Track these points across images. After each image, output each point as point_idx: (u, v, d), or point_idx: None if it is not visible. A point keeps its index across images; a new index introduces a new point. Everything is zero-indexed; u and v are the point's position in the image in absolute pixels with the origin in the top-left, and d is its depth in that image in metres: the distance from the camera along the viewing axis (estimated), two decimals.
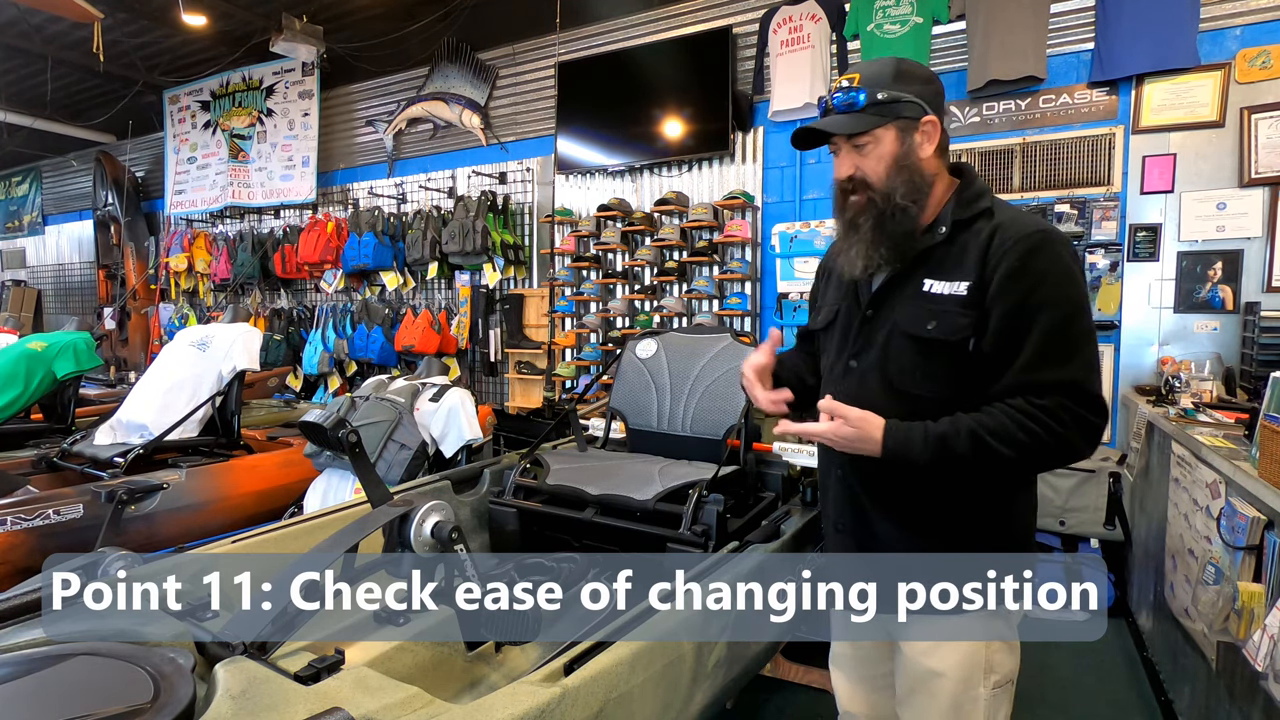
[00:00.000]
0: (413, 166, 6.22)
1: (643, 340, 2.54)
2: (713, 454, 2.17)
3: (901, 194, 1.18)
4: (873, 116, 1.19)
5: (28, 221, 9.86)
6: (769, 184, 4.60)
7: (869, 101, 1.18)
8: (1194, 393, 2.79)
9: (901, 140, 1.19)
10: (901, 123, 1.19)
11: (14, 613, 1.18)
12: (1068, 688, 2.55)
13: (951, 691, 1.23)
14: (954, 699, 1.23)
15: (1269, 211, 3.30)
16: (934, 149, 1.21)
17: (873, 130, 1.19)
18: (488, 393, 5.82)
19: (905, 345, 1.18)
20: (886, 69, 1.20)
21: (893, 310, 1.21)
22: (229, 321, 3.61)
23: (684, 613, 1.34)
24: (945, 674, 1.23)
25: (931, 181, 1.21)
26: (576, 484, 2.04)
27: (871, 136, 1.19)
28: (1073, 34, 3.71)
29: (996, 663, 1.24)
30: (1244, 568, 1.55)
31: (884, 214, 1.19)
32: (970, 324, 1.12)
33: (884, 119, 1.18)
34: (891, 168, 1.19)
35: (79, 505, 2.57)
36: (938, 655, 1.23)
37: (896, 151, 1.19)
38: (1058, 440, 1.07)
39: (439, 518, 1.44)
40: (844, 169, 1.23)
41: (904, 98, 1.18)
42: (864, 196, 1.21)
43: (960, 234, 1.18)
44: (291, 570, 1.25)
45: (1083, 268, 1.16)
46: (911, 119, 1.19)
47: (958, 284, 1.15)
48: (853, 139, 1.21)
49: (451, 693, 1.44)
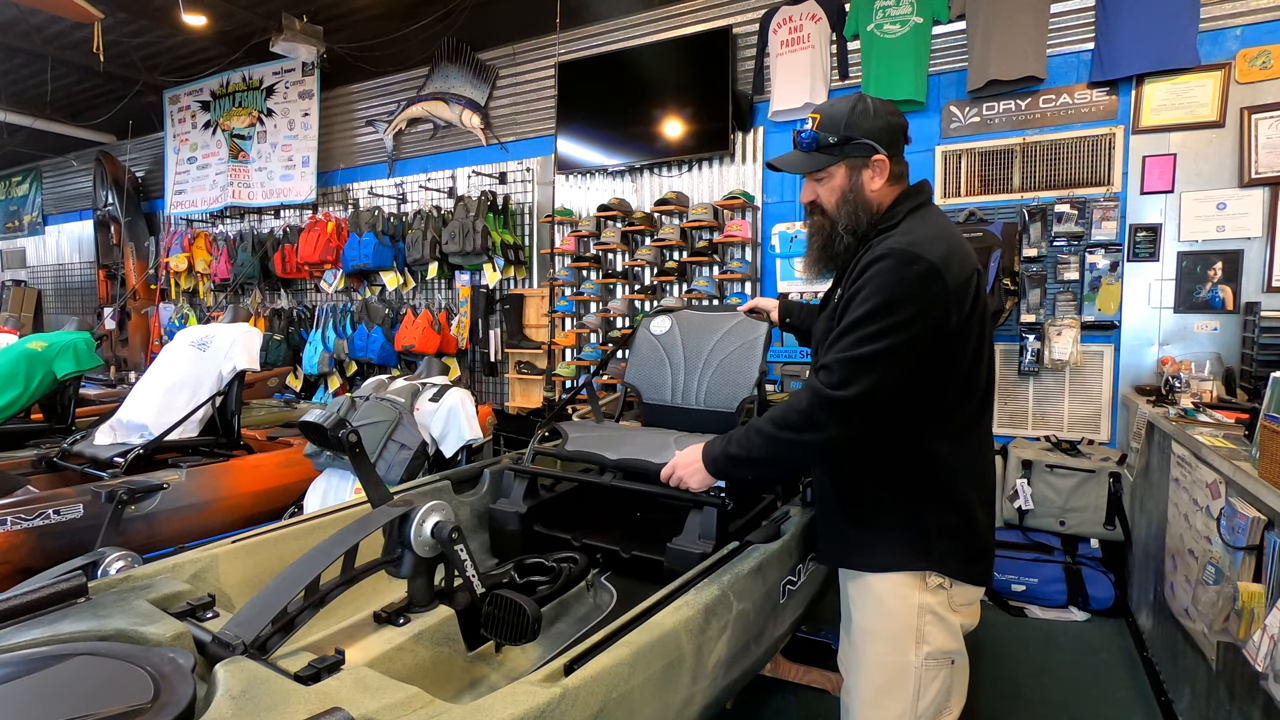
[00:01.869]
0: (413, 166, 6.22)
1: (657, 316, 2.55)
2: (726, 427, 2.19)
3: (844, 224, 1.43)
4: (824, 156, 1.43)
5: (28, 221, 9.86)
6: (769, 184, 4.60)
7: (820, 144, 1.42)
8: (1194, 393, 2.79)
9: (849, 176, 1.43)
10: (851, 161, 1.42)
11: (57, 598, 1.18)
12: (1068, 688, 2.55)
13: (878, 652, 1.44)
14: (881, 662, 1.43)
15: (1269, 211, 3.30)
16: (884, 181, 1.43)
17: (826, 168, 1.44)
18: (488, 393, 5.83)
19: (830, 338, 1.43)
20: (840, 112, 1.41)
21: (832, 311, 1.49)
22: (229, 321, 3.61)
23: (684, 613, 1.33)
24: (870, 631, 1.45)
25: (877, 209, 1.44)
26: (595, 449, 2.06)
27: (825, 172, 1.44)
28: (1073, 34, 3.71)
29: (928, 634, 1.41)
30: (1244, 568, 1.55)
31: (829, 238, 1.46)
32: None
33: (834, 158, 1.43)
34: (840, 199, 1.44)
35: (79, 505, 2.57)
36: (866, 612, 1.46)
37: (845, 186, 1.43)
38: (788, 415, 1.38)
39: (439, 518, 1.44)
40: (806, 194, 1.50)
41: (853, 138, 1.40)
42: (820, 219, 1.47)
43: (864, 257, 1.39)
44: (291, 570, 1.25)
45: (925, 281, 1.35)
46: (861, 157, 1.41)
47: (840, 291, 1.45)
48: (813, 173, 1.46)
49: (451, 693, 1.44)
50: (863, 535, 1.46)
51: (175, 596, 1.29)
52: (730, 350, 2.33)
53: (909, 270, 1.28)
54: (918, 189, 1.47)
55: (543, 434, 2.27)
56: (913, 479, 1.41)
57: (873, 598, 1.44)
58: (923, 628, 1.41)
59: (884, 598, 1.43)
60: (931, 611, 1.41)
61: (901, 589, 1.41)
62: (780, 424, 1.36)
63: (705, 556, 1.65)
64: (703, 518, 1.78)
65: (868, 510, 1.46)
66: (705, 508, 1.79)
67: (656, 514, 2.24)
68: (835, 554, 1.56)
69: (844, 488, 1.49)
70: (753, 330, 2.33)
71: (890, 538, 1.43)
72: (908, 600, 1.41)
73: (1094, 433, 3.69)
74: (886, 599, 1.42)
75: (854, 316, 1.31)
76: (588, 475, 2.13)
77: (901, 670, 1.41)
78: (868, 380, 1.28)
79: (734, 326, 2.39)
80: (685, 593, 1.41)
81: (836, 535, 1.54)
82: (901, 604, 1.41)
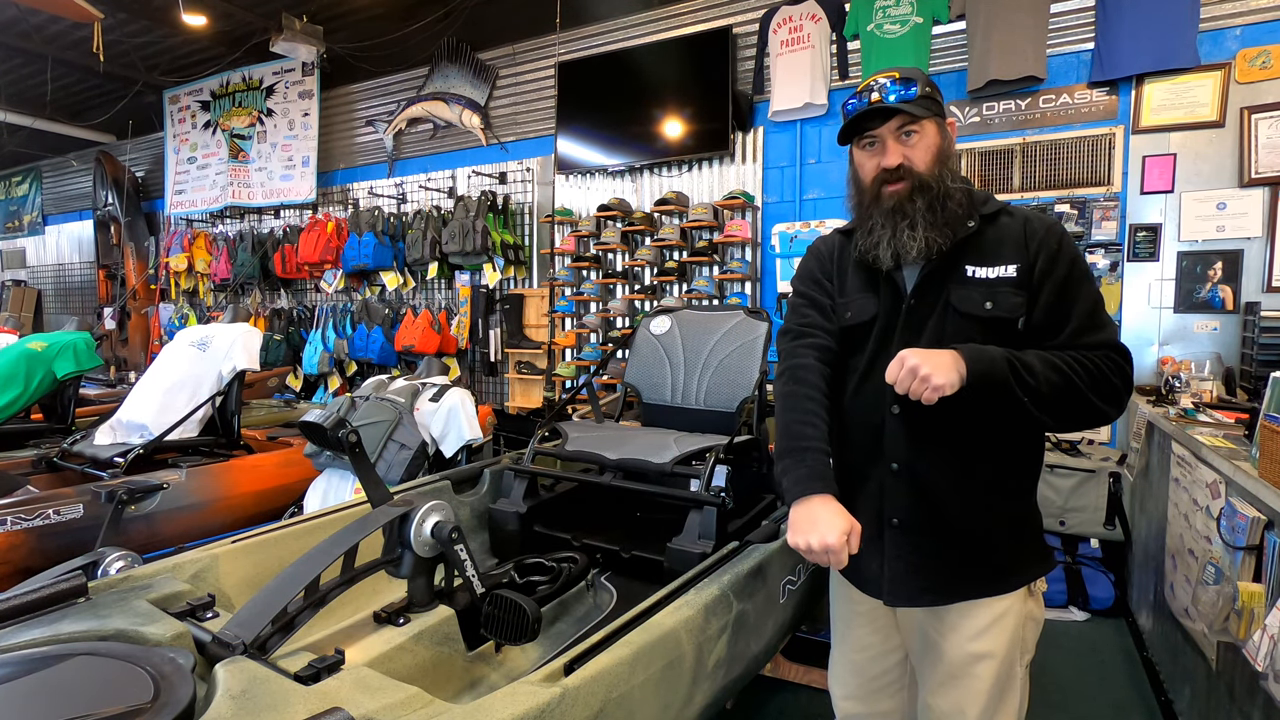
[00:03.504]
0: (413, 166, 6.22)
1: (657, 316, 2.56)
2: (726, 427, 2.20)
3: (950, 180, 1.25)
4: (921, 108, 1.24)
5: (28, 221, 9.86)
6: (769, 184, 4.60)
7: (920, 94, 1.24)
8: (1194, 393, 2.79)
9: (941, 133, 1.27)
10: (938, 120, 1.27)
11: (57, 598, 1.18)
12: (1068, 688, 2.55)
13: (996, 672, 1.27)
14: (998, 679, 1.27)
15: (1269, 211, 3.30)
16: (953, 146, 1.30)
17: (922, 120, 1.25)
18: (488, 393, 5.82)
19: (962, 326, 1.23)
20: (918, 71, 1.28)
21: (940, 296, 1.25)
22: (229, 321, 3.61)
23: (684, 613, 1.33)
24: (993, 654, 1.26)
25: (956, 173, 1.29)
26: (595, 449, 2.06)
27: (920, 126, 1.25)
28: (1073, 34, 3.71)
29: (1030, 641, 1.31)
30: (1244, 568, 1.55)
31: (937, 197, 1.24)
32: (1023, 301, 1.21)
33: (931, 111, 1.26)
34: (937, 157, 1.26)
35: (79, 505, 2.57)
36: (988, 638, 1.26)
37: (940, 143, 1.26)
38: (1105, 384, 1.17)
39: (439, 518, 1.44)
40: (894, 158, 1.26)
41: (937, 96, 1.28)
42: (908, 184, 1.25)
43: (986, 227, 1.26)
44: (291, 570, 1.25)
45: None
46: (943, 117, 1.29)
47: (1005, 267, 1.23)
48: (901, 129, 1.25)
49: (451, 693, 1.44)
50: (993, 556, 1.26)
51: (175, 596, 1.29)
52: (730, 350, 2.34)
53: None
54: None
55: (543, 434, 2.27)
56: (1032, 472, 1.31)
57: (989, 620, 1.26)
58: (1026, 637, 1.31)
59: (1003, 618, 1.26)
60: (1032, 618, 1.31)
61: (1017, 604, 1.28)
62: (1091, 381, 1.16)
63: (705, 556, 1.65)
64: (702, 517, 1.78)
65: (1001, 520, 1.27)
66: (705, 507, 1.79)
67: (656, 514, 2.24)
68: (945, 588, 1.27)
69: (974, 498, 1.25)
70: (753, 330, 2.33)
71: (1021, 550, 1.28)
72: (1019, 614, 1.28)
73: (1094, 433, 3.69)
74: (1006, 618, 1.27)
75: (1093, 295, 1.22)
76: (588, 475, 2.13)
77: (1010, 685, 1.30)
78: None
79: (734, 326, 2.39)
80: (685, 593, 1.41)
81: (940, 567, 1.27)
82: (1015, 620, 1.28)
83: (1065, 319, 1.20)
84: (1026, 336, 1.22)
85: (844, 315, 1.36)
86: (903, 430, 1.25)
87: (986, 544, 1.26)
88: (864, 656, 1.41)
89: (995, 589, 1.26)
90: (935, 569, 1.26)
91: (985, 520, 1.25)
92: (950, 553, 1.26)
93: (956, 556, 1.26)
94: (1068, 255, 1.22)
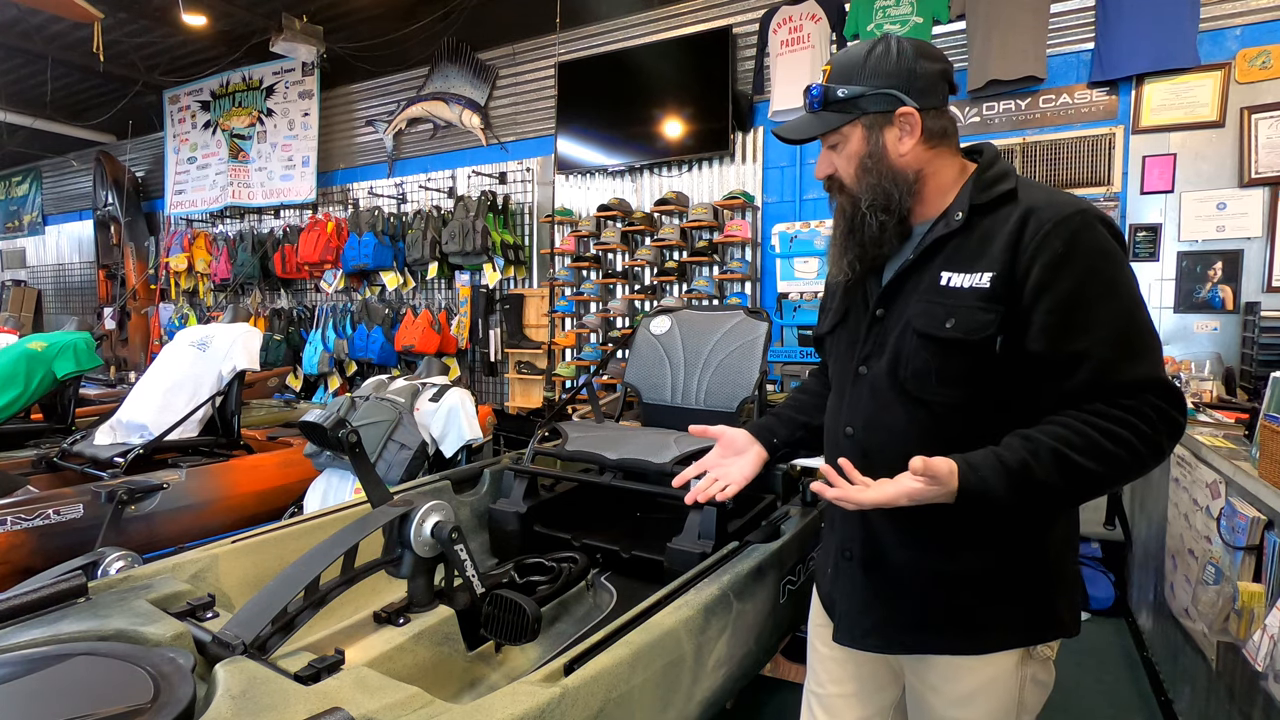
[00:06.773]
0: (413, 166, 6.22)
1: (657, 316, 2.55)
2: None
3: (868, 201, 1.08)
4: (834, 115, 1.08)
5: (28, 221, 9.87)
6: (769, 184, 4.60)
7: (828, 100, 1.08)
8: (1194, 393, 2.79)
9: (868, 138, 1.07)
10: (868, 119, 1.07)
11: (57, 598, 1.18)
12: (1068, 688, 2.55)
13: None
14: None
15: (1269, 211, 3.30)
16: (915, 141, 1.06)
17: (838, 129, 1.09)
18: (488, 393, 5.82)
19: (920, 347, 1.03)
20: (856, 58, 1.08)
21: (905, 308, 1.06)
22: (229, 321, 3.61)
23: (684, 612, 1.33)
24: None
25: (914, 178, 1.07)
26: (595, 449, 2.06)
27: (840, 135, 1.09)
28: (1073, 34, 3.71)
29: (1030, 703, 1.11)
30: (1244, 568, 1.55)
31: (853, 219, 1.10)
32: (995, 320, 0.97)
33: (847, 116, 1.08)
34: (859, 168, 1.08)
35: (79, 505, 2.57)
36: (972, 707, 1.09)
37: (863, 151, 1.08)
38: (1150, 446, 0.92)
39: (439, 518, 1.44)
40: (821, 168, 1.14)
41: (868, 92, 1.06)
42: (844, 197, 1.12)
43: (981, 220, 1.03)
44: (291, 570, 1.25)
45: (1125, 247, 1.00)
46: (882, 112, 1.06)
47: (979, 275, 0.99)
48: (826, 138, 1.11)
49: (451, 693, 1.44)
50: (955, 608, 1.06)
51: (175, 596, 1.29)
52: (730, 350, 2.33)
53: (1115, 230, 1.00)
54: (996, 156, 1.10)
55: (543, 434, 2.27)
56: (1028, 524, 1.05)
57: (974, 687, 1.08)
58: (1026, 699, 1.10)
59: (991, 685, 1.08)
60: (1035, 681, 1.10)
61: (1008, 669, 1.07)
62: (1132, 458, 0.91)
63: (705, 556, 1.64)
64: (702, 517, 1.78)
65: (969, 569, 1.05)
66: (705, 507, 1.79)
67: (656, 514, 2.24)
68: (898, 635, 1.11)
69: (930, 541, 1.06)
70: (753, 330, 2.33)
71: (1005, 608, 1.06)
72: (1013, 682, 1.08)
73: None
74: (995, 687, 1.08)
75: (1122, 311, 0.95)
76: (588, 475, 2.13)
77: None
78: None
79: (734, 326, 2.39)
80: (685, 593, 1.41)
81: (892, 612, 1.11)
82: (1006, 689, 1.08)
83: (1080, 354, 0.93)
84: (1018, 366, 0.98)
85: (823, 321, 1.28)
86: (857, 455, 1.07)
87: (947, 592, 1.06)
88: (854, 687, 1.26)
89: (967, 647, 1.06)
90: (887, 613, 1.11)
91: (945, 566, 1.06)
92: (905, 599, 1.09)
93: (911, 604, 1.09)
94: (1081, 261, 0.94)
